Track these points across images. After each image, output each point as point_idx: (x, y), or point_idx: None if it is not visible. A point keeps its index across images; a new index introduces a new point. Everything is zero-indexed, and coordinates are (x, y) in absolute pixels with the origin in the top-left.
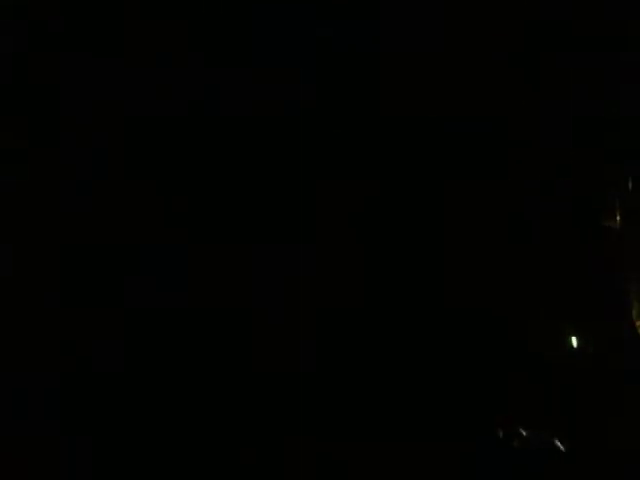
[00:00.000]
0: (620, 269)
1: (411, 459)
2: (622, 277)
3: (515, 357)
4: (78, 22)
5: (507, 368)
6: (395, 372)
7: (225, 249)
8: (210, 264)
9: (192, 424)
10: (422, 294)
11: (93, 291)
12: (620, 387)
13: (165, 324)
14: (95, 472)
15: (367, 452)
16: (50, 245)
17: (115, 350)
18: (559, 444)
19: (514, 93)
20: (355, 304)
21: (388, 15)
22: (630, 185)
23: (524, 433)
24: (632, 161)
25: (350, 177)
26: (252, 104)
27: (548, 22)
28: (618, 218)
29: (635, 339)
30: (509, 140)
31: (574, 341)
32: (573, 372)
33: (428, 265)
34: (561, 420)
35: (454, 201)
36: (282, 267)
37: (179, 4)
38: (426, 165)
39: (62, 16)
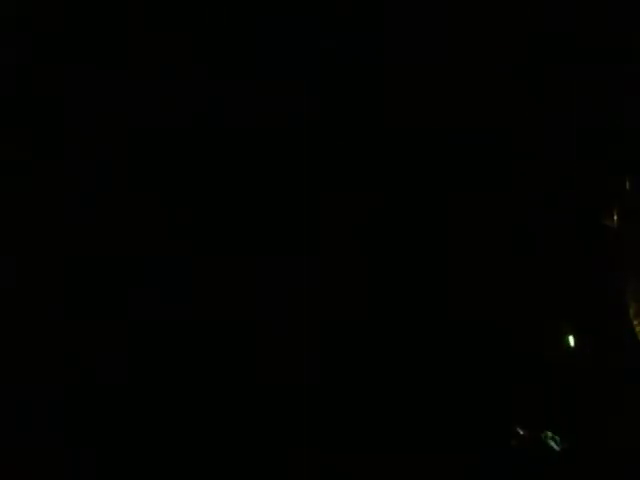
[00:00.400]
0: (618, 268)
1: (411, 461)
2: (620, 276)
3: (514, 357)
4: (82, 33)
5: (506, 368)
6: (398, 378)
7: (229, 261)
8: (214, 276)
9: (196, 435)
10: (426, 303)
11: (97, 303)
12: (619, 387)
13: (169, 336)
14: None
15: (371, 464)
16: (54, 257)
17: (119, 362)
18: (554, 445)
19: (518, 105)
20: (359, 316)
21: (392, 27)
22: (628, 184)
23: (522, 432)
24: (637, 173)
25: (354, 189)
26: (256, 116)
27: (552, 34)
28: (616, 217)
29: (632, 338)
30: (513, 152)
31: (571, 340)
32: (571, 372)
33: (432, 274)
34: (561, 420)
35: (458, 212)
36: (286, 279)
37: (183, 16)
38: (430, 177)
39: (66, 27)
